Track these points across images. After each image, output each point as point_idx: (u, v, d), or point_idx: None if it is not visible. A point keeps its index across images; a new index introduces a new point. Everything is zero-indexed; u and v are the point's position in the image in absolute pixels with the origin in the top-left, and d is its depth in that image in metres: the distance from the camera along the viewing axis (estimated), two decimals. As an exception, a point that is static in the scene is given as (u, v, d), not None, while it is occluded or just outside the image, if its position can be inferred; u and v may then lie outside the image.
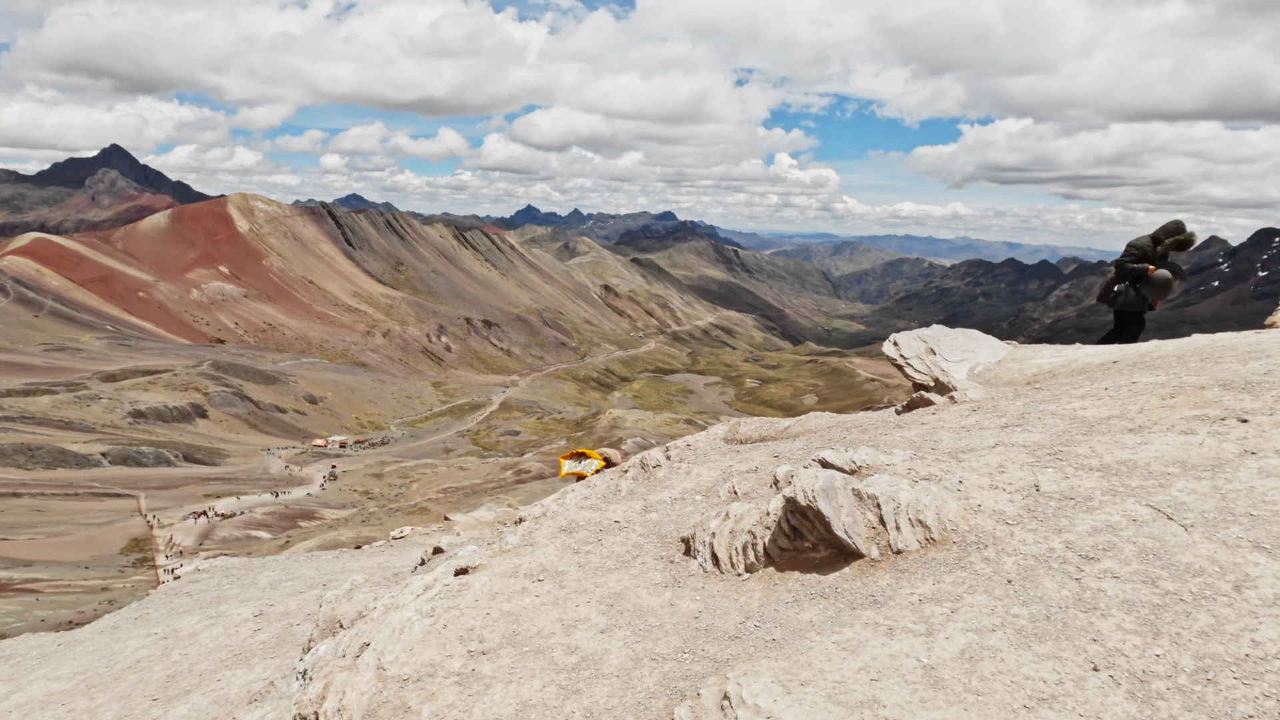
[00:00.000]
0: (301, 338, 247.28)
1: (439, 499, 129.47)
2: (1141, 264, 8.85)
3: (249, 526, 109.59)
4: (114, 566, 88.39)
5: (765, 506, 4.12)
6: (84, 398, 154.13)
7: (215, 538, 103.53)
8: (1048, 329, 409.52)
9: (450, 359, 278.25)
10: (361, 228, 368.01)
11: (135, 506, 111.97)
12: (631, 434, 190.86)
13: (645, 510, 4.99)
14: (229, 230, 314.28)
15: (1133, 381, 4.88)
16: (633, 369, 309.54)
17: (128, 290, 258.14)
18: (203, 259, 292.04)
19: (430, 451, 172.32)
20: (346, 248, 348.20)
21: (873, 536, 3.62)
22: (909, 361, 6.88)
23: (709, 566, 4.11)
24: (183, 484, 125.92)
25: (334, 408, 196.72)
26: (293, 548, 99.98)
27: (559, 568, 4.42)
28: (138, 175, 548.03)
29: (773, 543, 3.96)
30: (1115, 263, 9.24)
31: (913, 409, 5.38)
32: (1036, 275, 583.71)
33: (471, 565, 4.60)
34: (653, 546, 4.55)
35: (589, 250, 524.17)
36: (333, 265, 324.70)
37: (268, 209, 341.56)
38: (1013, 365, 6.75)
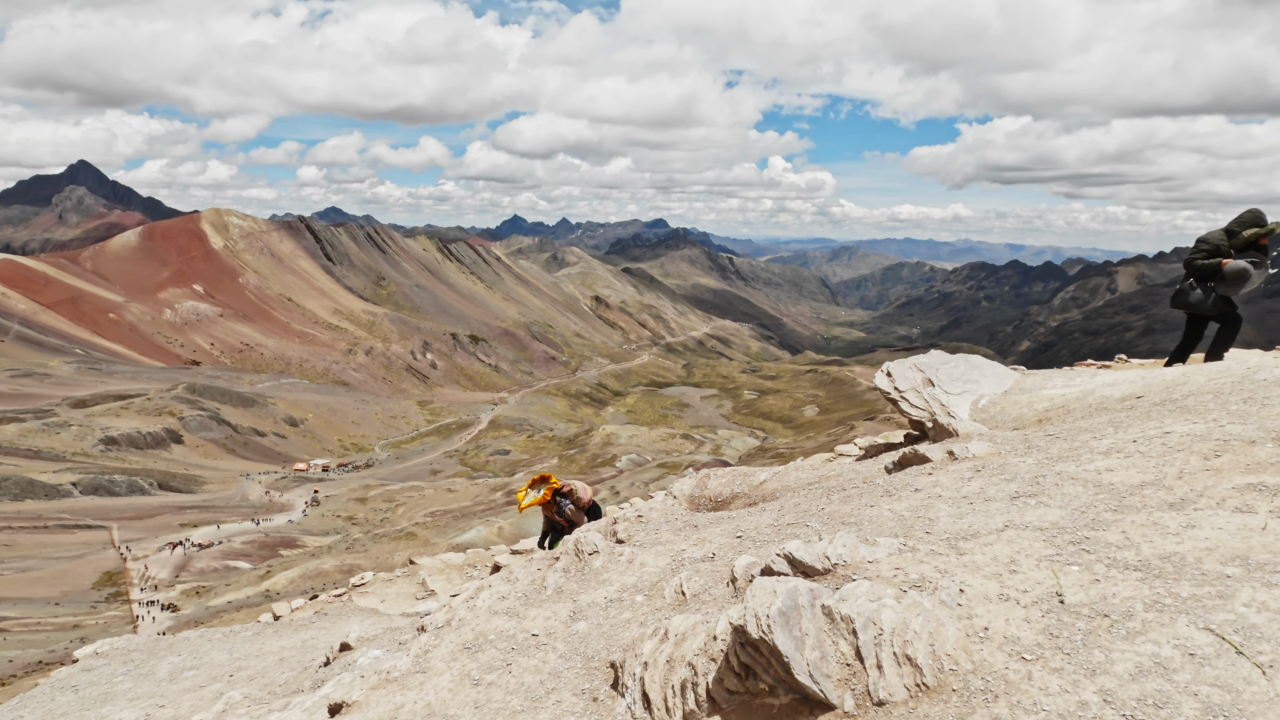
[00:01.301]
0: (280, 358, 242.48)
1: (426, 523, 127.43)
2: (1214, 259, 7.96)
3: (227, 556, 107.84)
4: (86, 602, 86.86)
5: (713, 626, 3.23)
6: (53, 425, 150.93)
7: (192, 569, 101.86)
8: (1054, 332, 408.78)
9: (436, 376, 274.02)
10: (341, 242, 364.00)
11: (108, 538, 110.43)
12: (626, 450, 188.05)
13: (573, 617, 4.21)
14: (203, 247, 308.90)
15: (1165, 432, 4.01)
16: (626, 383, 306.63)
17: (98, 312, 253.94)
18: (176, 278, 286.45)
19: (417, 473, 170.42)
20: (326, 263, 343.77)
21: (846, 679, 2.72)
22: (904, 395, 6.17)
23: (639, 711, 3.23)
24: (157, 513, 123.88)
25: (315, 430, 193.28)
26: (272, 577, 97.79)
27: (450, 710, 3.69)
28: (106, 192, 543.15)
29: (718, 683, 3.04)
30: (1185, 261, 8.32)
31: (905, 467, 4.43)
32: (1041, 277, 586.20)
33: (347, 701, 3.99)
34: (574, 675, 3.76)
35: (578, 260, 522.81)
36: (312, 282, 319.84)
37: (243, 224, 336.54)
38: (1020, 398, 6.06)
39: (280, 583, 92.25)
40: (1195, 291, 8.02)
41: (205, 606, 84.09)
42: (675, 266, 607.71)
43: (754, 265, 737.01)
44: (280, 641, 10.04)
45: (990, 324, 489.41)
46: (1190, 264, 8.11)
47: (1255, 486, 3.14)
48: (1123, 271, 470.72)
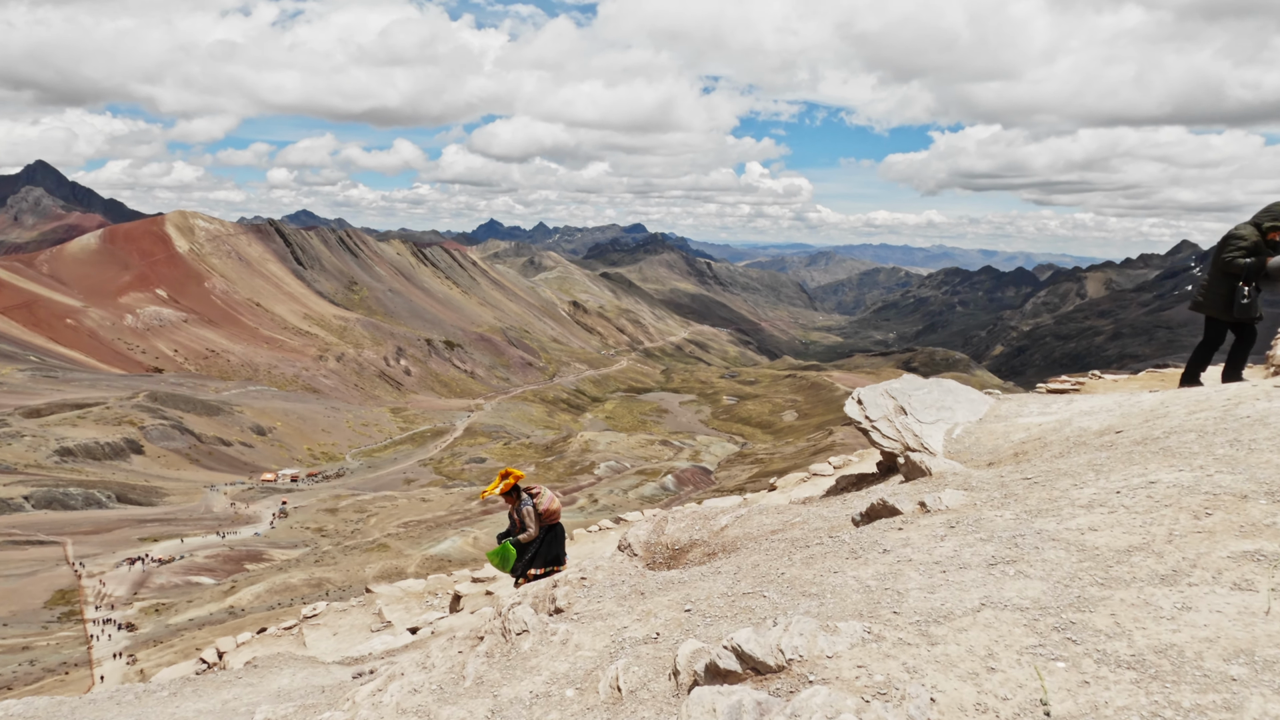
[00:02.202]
0: (247, 364, 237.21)
1: (399, 534, 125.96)
2: (1256, 256, 7.24)
3: (189, 572, 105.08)
4: (36, 622, 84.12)
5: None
6: (4, 435, 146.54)
7: (151, 585, 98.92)
8: (1026, 337, 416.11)
9: (410, 383, 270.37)
10: (312, 246, 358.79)
11: (61, 554, 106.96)
12: (605, 457, 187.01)
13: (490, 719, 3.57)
14: (167, 251, 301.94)
15: (1150, 481, 3.67)
16: (604, 389, 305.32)
17: (54, 317, 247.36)
18: (138, 282, 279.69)
19: (389, 483, 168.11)
20: (296, 267, 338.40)
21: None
22: (875, 424, 5.97)
23: None
24: (115, 527, 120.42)
25: (284, 439, 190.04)
26: (237, 592, 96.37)
27: None
28: (66, 193, 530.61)
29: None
30: (1223, 260, 7.39)
31: (873, 519, 4.05)
32: (1013, 283, 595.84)
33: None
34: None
35: (555, 265, 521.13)
36: (281, 286, 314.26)
37: (209, 227, 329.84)
38: (996, 427, 5.84)
39: (245, 598, 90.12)
40: (1249, 294, 7.20)
41: (165, 625, 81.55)
42: (653, 271, 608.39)
43: (732, 270, 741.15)
44: (198, 704, 8.84)
45: (965, 329, 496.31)
46: (1231, 263, 7.22)
47: (1253, 555, 2.85)
48: (1092, 277, 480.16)
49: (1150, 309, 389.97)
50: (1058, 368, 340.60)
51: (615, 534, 12.70)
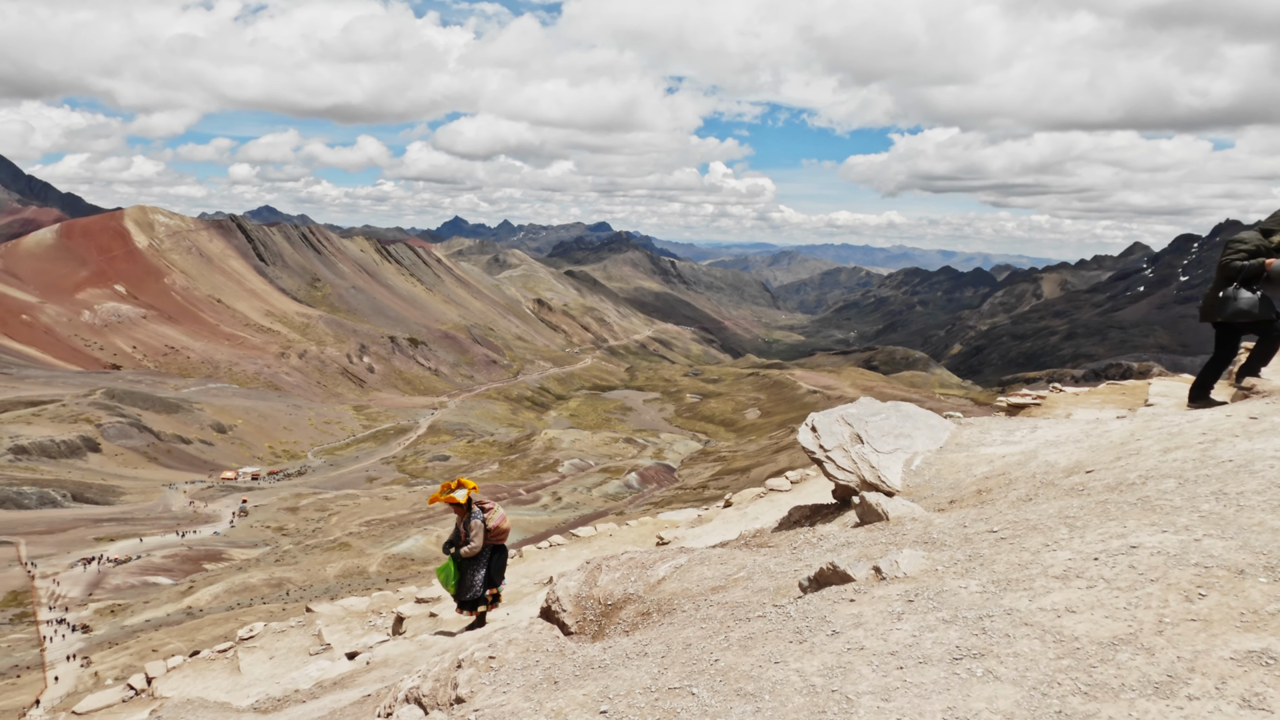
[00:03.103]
0: (208, 361, 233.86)
1: (361, 533, 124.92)
2: (1256, 259, 6.92)
3: (146, 572, 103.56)
4: None
5: None
6: None
7: (107, 586, 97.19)
8: (983, 336, 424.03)
9: (373, 381, 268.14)
10: (274, 242, 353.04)
11: (14, 554, 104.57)
12: (569, 455, 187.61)
13: None
14: (126, 246, 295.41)
15: (1131, 546, 3.19)
16: (568, 386, 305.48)
17: (8, 313, 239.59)
18: (96, 278, 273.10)
19: (352, 481, 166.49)
20: (258, 263, 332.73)
21: None
22: (830, 455, 5.60)
23: None
24: (71, 527, 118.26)
25: (245, 436, 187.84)
26: (195, 593, 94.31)
27: None
28: (21, 187, 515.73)
29: None
30: (1221, 264, 7.24)
31: (823, 586, 3.56)
32: (971, 283, 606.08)
33: None
34: None
35: (520, 263, 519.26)
36: (243, 283, 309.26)
37: (169, 223, 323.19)
38: (957, 458, 5.49)
39: (204, 598, 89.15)
40: (1241, 295, 6.87)
41: (120, 626, 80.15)
42: (618, 269, 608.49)
43: (696, 269, 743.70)
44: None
45: (924, 328, 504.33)
46: (1228, 266, 7.01)
47: (1260, 657, 2.39)
48: (1047, 278, 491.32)
49: (1103, 309, 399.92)
50: (1014, 367, 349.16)
51: (566, 552, 12.14)
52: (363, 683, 6.37)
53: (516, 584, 10.89)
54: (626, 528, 12.94)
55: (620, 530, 12.86)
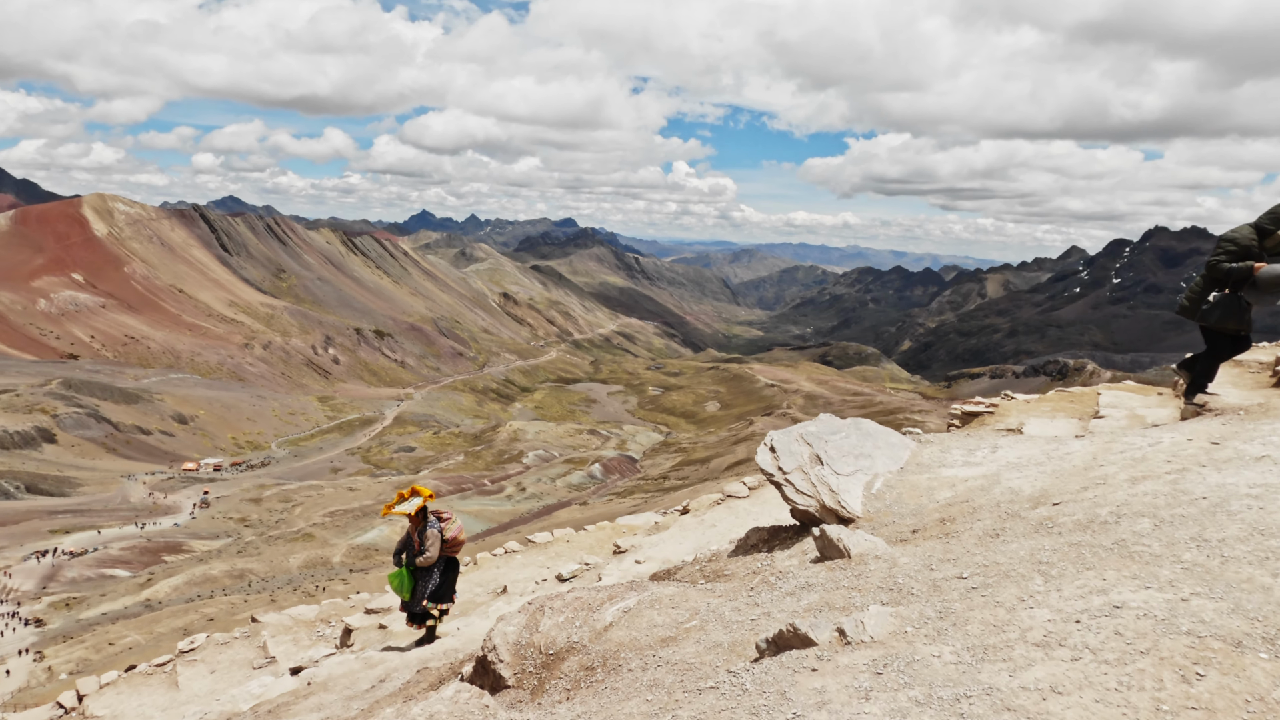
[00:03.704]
0: (169, 351, 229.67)
1: (325, 523, 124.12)
2: (1244, 262, 6.35)
3: (103, 565, 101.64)
4: None
5: None
6: None
7: (62, 579, 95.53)
8: (932, 333, 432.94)
9: (338, 372, 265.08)
10: (238, 232, 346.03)
11: None
12: (533, 446, 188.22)
13: None
14: (84, 234, 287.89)
15: (1113, 605, 2.80)
16: (534, 379, 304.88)
17: None
18: (52, 265, 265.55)
19: (316, 472, 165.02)
20: (222, 253, 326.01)
21: None
22: (789, 477, 5.25)
23: None
24: (24, 519, 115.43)
25: (207, 427, 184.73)
26: (154, 585, 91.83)
27: None
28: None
29: None
30: (1207, 264, 6.67)
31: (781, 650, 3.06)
32: (921, 282, 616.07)
33: None
34: None
35: (487, 257, 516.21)
36: (206, 272, 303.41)
37: (130, 211, 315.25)
38: (919, 480, 5.25)
39: (163, 590, 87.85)
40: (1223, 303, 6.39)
41: (76, 620, 78.48)
42: (583, 265, 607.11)
43: (659, 265, 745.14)
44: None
45: (876, 324, 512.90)
46: (1214, 267, 6.43)
47: None
48: (991, 278, 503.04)
49: (1042, 309, 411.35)
50: (960, 362, 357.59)
51: (521, 558, 11.73)
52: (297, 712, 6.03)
53: (470, 593, 10.47)
54: (584, 532, 12.54)
55: (578, 536, 12.39)
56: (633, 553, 9.38)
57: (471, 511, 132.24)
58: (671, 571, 5.88)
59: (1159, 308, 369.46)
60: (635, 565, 8.60)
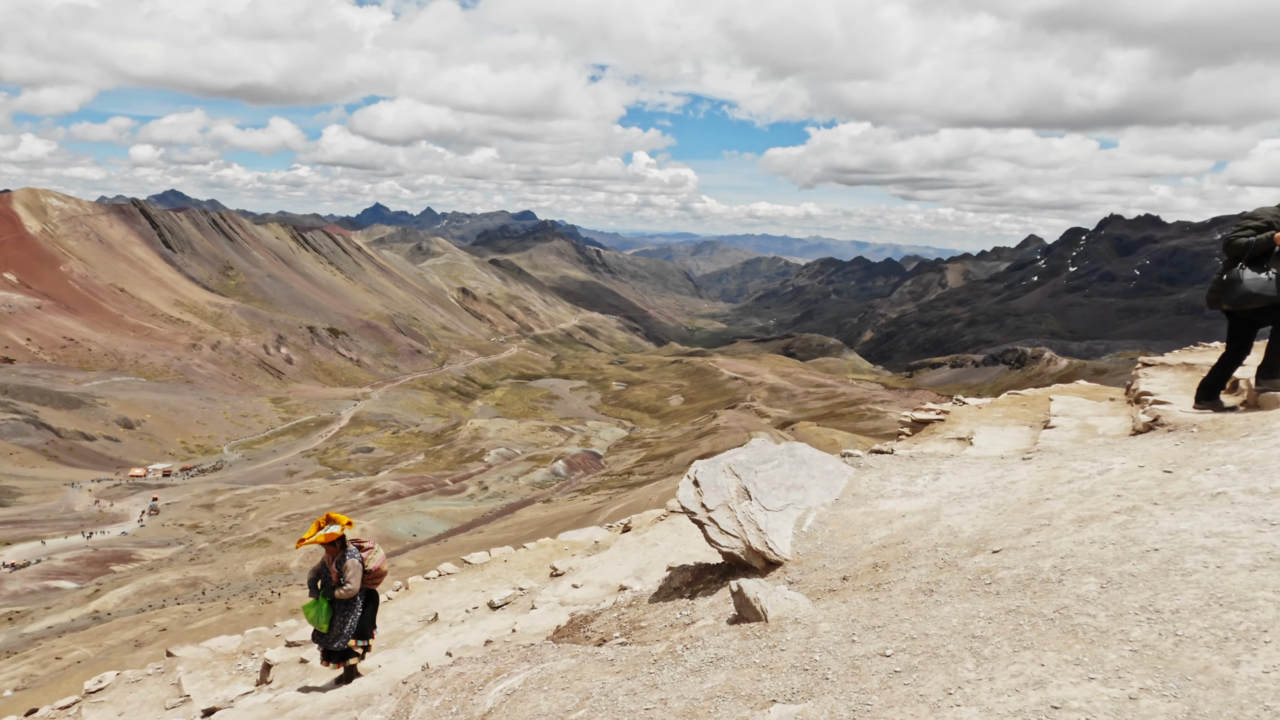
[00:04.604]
0: (112, 353, 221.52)
1: (281, 528, 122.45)
2: (1266, 234, 5.80)
3: (47, 576, 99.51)
4: None
5: None
6: None
7: (4, 592, 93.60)
8: (893, 323, 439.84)
9: (292, 372, 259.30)
10: (182, 228, 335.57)
11: None
12: (495, 444, 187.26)
13: None
14: (15, 231, 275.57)
15: (1052, 707, 2.39)
16: (494, 376, 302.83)
17: None
18: None
19: (271, 475, 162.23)
20: (165, 250, 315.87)
21: None
22: (713, 516, 4.80)
23: None
24: None
25: (154, 432, 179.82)
26: (102, 596, 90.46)
27: None
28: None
29: None
30: (1225, 240, 6.12)
31: None
32: (883, 273, 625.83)
33: None
34: None
35: (444, 251, 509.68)
36: (148, 271, 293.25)
37: (64, 207, 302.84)
38: (854, 515, 4.84)
39: (111, 602, 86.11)
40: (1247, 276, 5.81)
41: (20, 634, 76.76)
42: (543, 258, 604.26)
43: (620, 258, 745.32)
44: None
45: (839, 316, 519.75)
46: (1232, 242, 5.97)
47: None
48: (951, 268, 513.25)
49: (1001, 298, 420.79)
50: (921, 352, 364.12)
51: (455, 581, 11.23)
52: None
53: (398, 621, 9.82)
54: (524, 551, 12.07)
55: (516, 555, 11.90)
56: (570, 575, 9.09)
57: (433, 512, 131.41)
58: (588, 619, 5.37)
59: (1114, 295, 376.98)
60: (572, 590, 8.20)
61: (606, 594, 7.60)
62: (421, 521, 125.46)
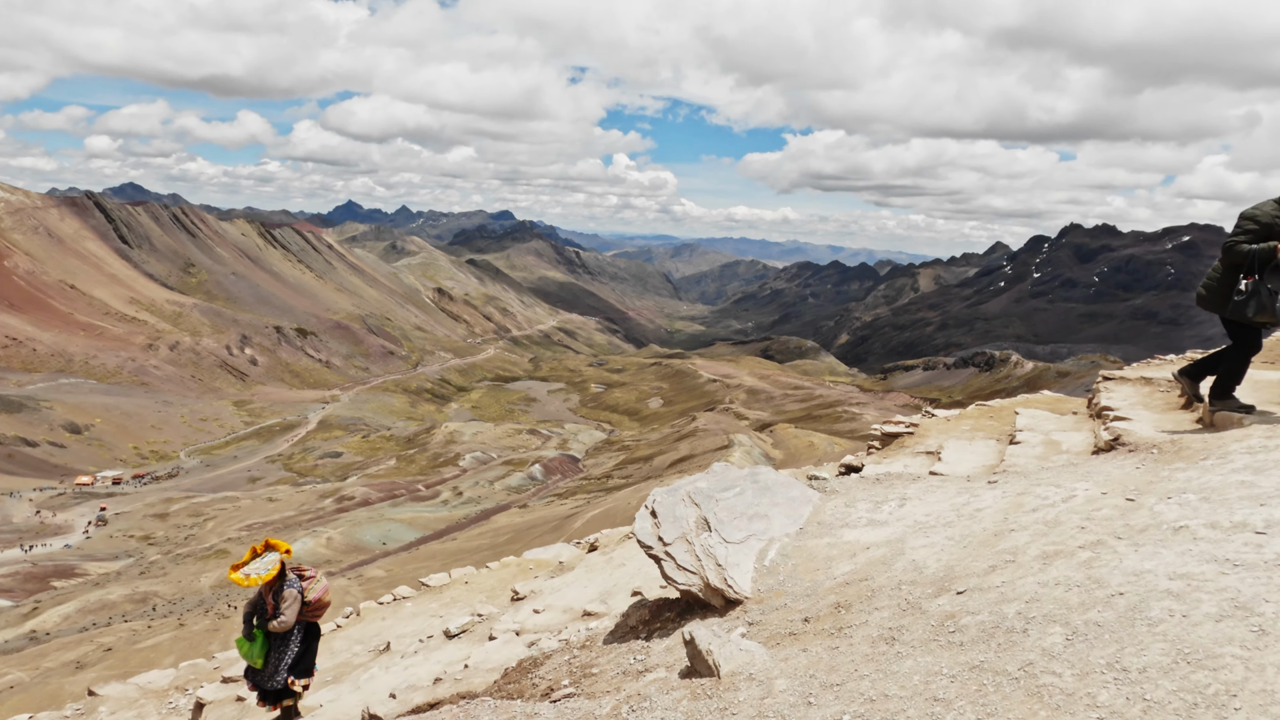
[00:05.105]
0: (59, 354, 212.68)
1: (241, 538, 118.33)
2: (1267, 243, 5.47)
3: None
4: None
5: None
6: None
7: None
8: (868, 326, 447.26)
9: (256, 374, 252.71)
10: (140, 223, 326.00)
11: None
12: (470, 448, 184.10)
13: None
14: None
15: None
16: (470, 378, 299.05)
17: None
18: None
19: (232, 482, 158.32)
20: (120, 246, 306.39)
21: None
22: (670, 550, 4.59)
23: None
24: None
25: (105, 437, 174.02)
26: (40, 614, 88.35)
27: None
28: None
29: None
30: (1224, 246, 5.70)
31: None
32: (857, 277, 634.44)
33: None
34: None
35: (419, 250, 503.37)
36: (102, 267, 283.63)
37: (11, 198, 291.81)
38: (818, 546, 4.67)
39: (51, 620, 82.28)
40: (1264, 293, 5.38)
41: None
42: (521, 259, 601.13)
43: (600, 259, 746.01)
44: None
45: (815, 319, 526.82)
46: (1232, 249, 5.53)
47: None
48: (923, 273, 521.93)
49: (970, 302, 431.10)
50: (895, 355, 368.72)
51: (411, 607, 11.01)
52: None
53: (348, 652, 9.31)
54: (486, 571, 11.65)
55: (478, 576, 11.54)
56: (531, 600, 8.81)
57: (404, 519, 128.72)
58: (538, 662, 5.12)
59: (1075, 301, 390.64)
60: (533, 615, 7.96)
61: (569, 619, 7.46)
62: (392, 529, 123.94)
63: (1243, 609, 2.73)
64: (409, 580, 13.31)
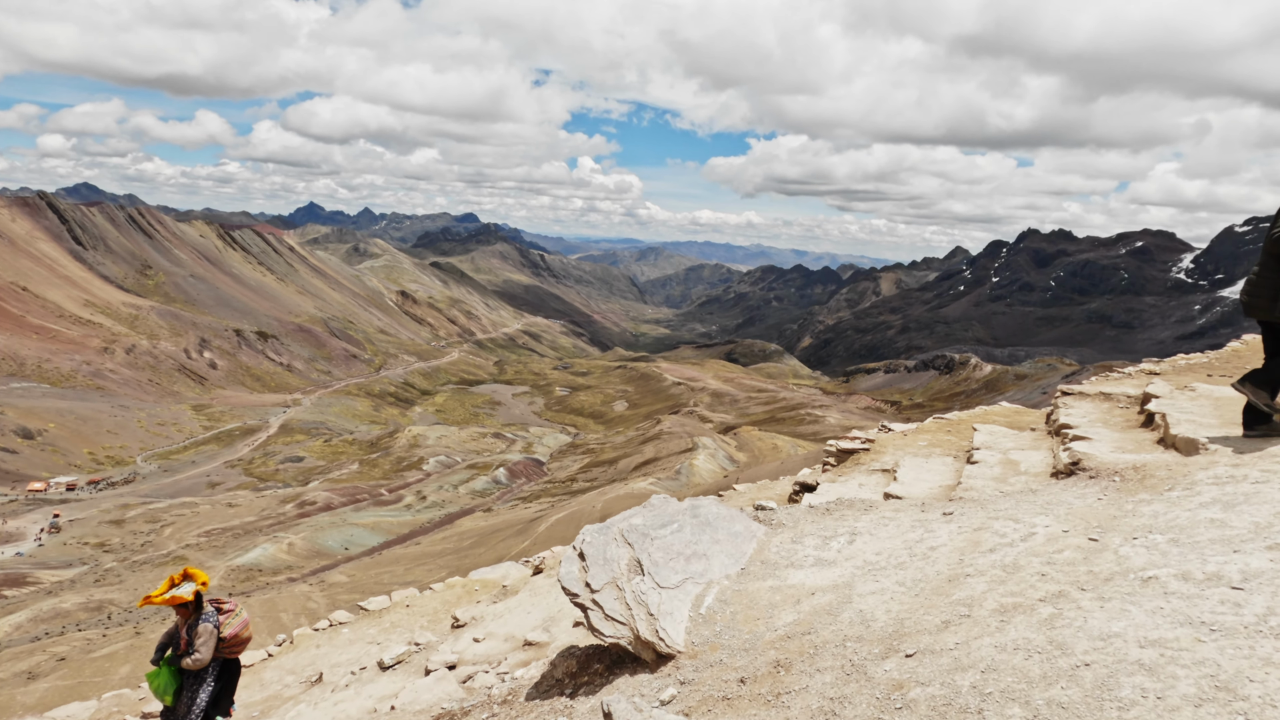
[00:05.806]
0: (11, 357, 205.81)
1: (200, 544, 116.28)
2: None
3: None
4: None
5: None
6: None
7: None
8: (831, 330, 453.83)
9: (216, 377, 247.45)
10: (95, 224, 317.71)
11: None
12: (434, 452, 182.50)
13: None
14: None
15: None
16: (435, 381, 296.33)
17: None
18: None
19: (190, 488, 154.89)
20: (75, 247, 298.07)
21: None
22: (597, 598, 4.16)
23: None
24: None
25: (58, 442, 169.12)
26: None
27: None
28: None
29: None
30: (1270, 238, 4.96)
31: None
32: (820, 280, 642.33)
33: None
34: None
35: (383, 253, 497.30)
36: (56, 269, 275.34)
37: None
38: (759, 590, 4.29)
39: (2, 630, 79.95)
40: None
41: None
42: (486, 262, 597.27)
43: (565, 263, 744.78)
44: None
45: (779, 322, 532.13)
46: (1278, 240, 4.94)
47: None
48: (885, 277, 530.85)
49: (931, 306, 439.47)
50: (857, 358, 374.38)
51: (349, 633, 10.58)
52: None
53: (279, 683, 8.88)
54: (430, 593, 11.28)
55: (420, 599, 11.11)
56: (472, 627, 8.59)
57: (367, 524, 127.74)
58: (457, 718, 4.96)
59: (1032, 304, 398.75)
60: (473, 644, 7.72)
61: (509, 648, 7.27)
62: (354, 534, 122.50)
63: (1224, 690, 2.39)
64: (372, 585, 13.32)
